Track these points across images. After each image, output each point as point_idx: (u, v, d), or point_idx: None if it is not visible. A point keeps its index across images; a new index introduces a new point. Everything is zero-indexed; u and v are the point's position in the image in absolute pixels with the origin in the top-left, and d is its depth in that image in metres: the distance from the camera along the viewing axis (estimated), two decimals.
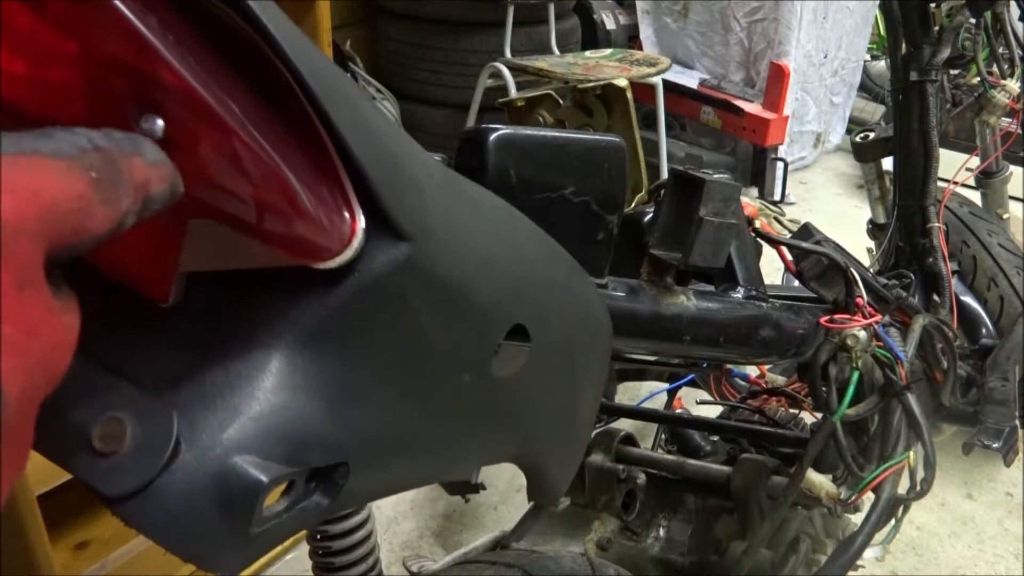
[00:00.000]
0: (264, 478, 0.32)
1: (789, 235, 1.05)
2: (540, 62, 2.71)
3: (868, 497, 0.95)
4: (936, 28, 1.26)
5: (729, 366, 1.20)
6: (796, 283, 0.88)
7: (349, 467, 0.37)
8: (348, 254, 0.34)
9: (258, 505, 0.33)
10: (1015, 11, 1.42)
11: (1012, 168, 1.73)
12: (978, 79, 1.48)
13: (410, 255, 0.37)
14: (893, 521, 0.98)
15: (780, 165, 3.13)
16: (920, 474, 0.95)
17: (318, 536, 0.83)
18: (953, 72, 1.53)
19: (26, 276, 0.22)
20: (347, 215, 0.34)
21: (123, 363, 0.33)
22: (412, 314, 0.39)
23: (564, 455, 0.60)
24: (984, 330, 1.51)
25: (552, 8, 2.98)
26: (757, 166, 3.26)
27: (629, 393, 1.78)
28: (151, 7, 0.28)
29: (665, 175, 0.97)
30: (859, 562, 0.98)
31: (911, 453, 0.95)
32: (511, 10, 2.81)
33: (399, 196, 0.36)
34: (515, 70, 2.70)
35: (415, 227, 0.37)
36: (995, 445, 1.21)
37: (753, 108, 3.21)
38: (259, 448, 0.33)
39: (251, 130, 0.30)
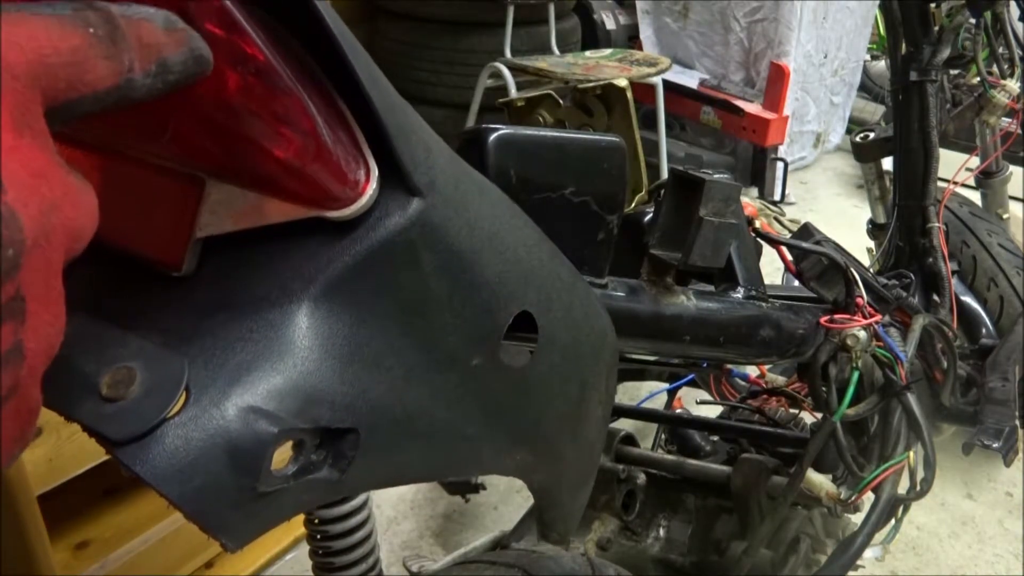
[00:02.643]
0: (274, 428, 0.32)
1: (789, 235, 1.05)
2: (540, 62, 2.71)
3: (868, 497, 0.95)
4: (936, 28, 1.26)
5: (729, 366, 1.20)
6: (796, 283, 0.88)
7: (359, 436, 0.36)
8: (362, 202, 0.35)
9: (267, 458, 0.32)
10: (1015, 11, 1.42)
11: (1012, 168, 1.73)
12: (978, 79, 1.48)
13: (421, 211, 0.37)
14: (893, 521, 0.98)
15: (780, 165, 3.13)
16: (920, 474, 0.95)
17: (318, 536, 0.83)
18: (953, 72, 1.52)
19: (23, 120, 0.23)
20: (361, 163, 0.35)
21: (134, 323, 0.33)
22: (423, 278, 0.39)
23: (574, 477, 0.59)
24: (984, 330, 1.51)
25: (552, 8, 2.98)
26: (757, 166, 3.26)
27: (629, 393, 1.78)
28: None
29: (665, 175, 0.97)
30: (859, 562, 0.98)
31: (911, 453, 0.95)
32: (511, 10, 2.81)
33: (411, 150, 0.37)
34: (515, 70, 2.70)
35: (425, 183, 0.37)
36: (995, 445, 1.21)
37: (753, 108, 3.21)
38: (270, 402, 0.33)
39: (277, 57, 0.30)
